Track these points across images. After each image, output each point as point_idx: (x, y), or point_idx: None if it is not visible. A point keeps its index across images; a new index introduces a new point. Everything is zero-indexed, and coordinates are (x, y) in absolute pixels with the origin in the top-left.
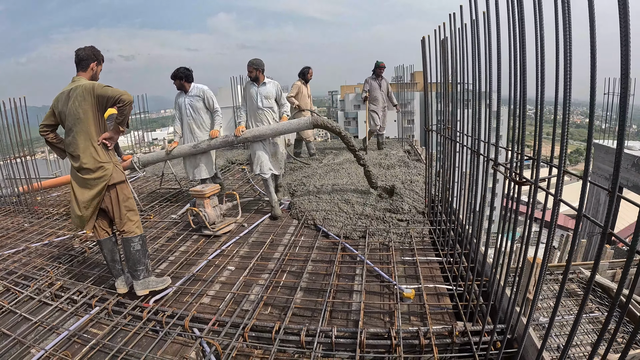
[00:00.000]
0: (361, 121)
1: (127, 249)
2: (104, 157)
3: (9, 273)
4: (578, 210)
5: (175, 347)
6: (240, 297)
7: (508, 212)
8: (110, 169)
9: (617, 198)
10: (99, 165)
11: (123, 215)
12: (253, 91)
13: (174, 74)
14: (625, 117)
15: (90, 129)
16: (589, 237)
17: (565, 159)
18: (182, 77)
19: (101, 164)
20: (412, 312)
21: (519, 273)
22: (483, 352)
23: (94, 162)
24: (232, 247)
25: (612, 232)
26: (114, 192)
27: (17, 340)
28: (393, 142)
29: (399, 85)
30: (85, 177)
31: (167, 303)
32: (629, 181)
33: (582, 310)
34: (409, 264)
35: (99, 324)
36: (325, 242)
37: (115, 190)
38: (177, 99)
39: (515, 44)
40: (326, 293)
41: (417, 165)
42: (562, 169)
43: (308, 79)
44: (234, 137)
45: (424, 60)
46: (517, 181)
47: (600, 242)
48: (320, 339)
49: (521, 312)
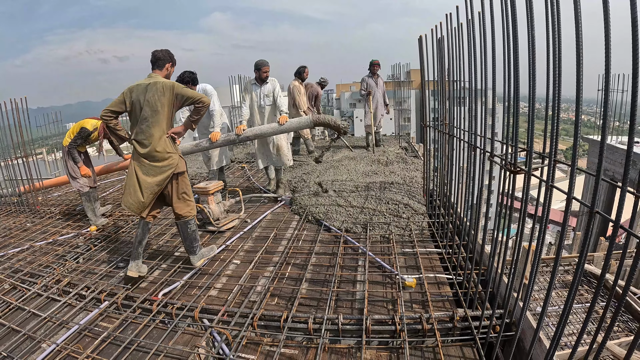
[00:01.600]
0: (357, 119)
1: (184, 230)
2: (172, 148)
3: (15, 271)
4: (567, 193)
5: (186, 337)
6: (247, 289)
7: (504, 199)
8: (177, 158)
9: (614, 188)
10: (168, 155)
11: (182, 200)
12: (256, 91)
13: (180, 79)
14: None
15: (164, 122)
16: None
17: (555, 150)
18: (188, 81)
19: (170, 154)
20: (414, 300)
21: (515, 260)
22: (483, 335)
23: (164, 151)
24: (237, 242)
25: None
26: (176, 180)
27: (27, 335)
28: (390, 139)
29: (395, 83)
30: (154, 164)
31: (175, 296)
32: (622, 175)
33: (573, 291)
34: (410, 256)
35: (108, 318)
36: (327, 236)
37: (178, 178)
38: None
39: (508, 44)
40: (330, 283)
41: (414, 161)
42: (552, 158)
43: (304, 78)
44: (235, 136)
45: (421, 58)
46: (512, 170)
47: (588, 221)
48: (327, 326)
49: (518, 297)
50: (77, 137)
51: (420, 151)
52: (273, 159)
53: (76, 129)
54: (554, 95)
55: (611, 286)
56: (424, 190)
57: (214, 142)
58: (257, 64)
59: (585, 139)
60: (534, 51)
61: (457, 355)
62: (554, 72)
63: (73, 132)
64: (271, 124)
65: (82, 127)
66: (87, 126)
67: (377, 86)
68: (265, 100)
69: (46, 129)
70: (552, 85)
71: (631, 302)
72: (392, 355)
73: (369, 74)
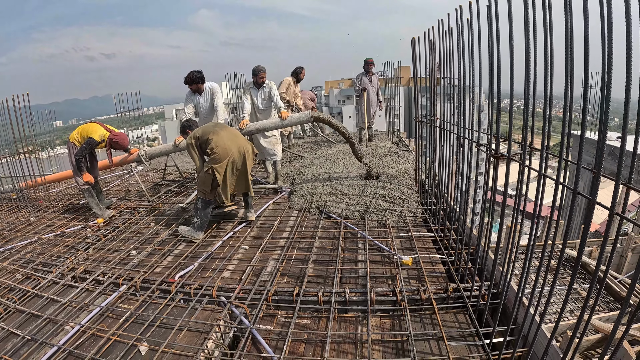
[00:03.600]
0: (346, 116)
1: (249, 200)
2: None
3: (27, 262)
4: (538, 171)
5: (206, 313)
6: (258, 270)
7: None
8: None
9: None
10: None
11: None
12: (254, 94)
13: (191, 80)
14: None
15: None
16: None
17: (532, 138)
18: (198, 81)
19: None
20: (411, 276)
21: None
22: (474, 303)
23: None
24: (243, 229)
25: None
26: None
27: (49, 319)
28: (381, 134)
29: (385, 80)
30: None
31: (190, 278)
32: (606, 169)
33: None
34: (405, 239)
35: (128, 300)
36: (328, 223)
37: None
38: (191, 97)
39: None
40: (335, 263)
41: (406, 155)
42: (525, 145)
43: (300, 79)
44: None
45: (413, 59)
46: (495, 155)
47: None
48: (335, 298)
49: (503, 270)
50: (84, 148)
51: (411, 146)
52: (269, 151)
53: (84, 133)
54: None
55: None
56: (416, 180)
57: None
58: (254, 70)
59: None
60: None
61: (452, 320)
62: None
63: (79, 134)
64: (273, 118)
65: (90, 138)
66: (94, 137)
67: (371, 83)
68: (264, 103)
69: (39, 127)
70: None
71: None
72: (395, 322)
73: (363, 72)
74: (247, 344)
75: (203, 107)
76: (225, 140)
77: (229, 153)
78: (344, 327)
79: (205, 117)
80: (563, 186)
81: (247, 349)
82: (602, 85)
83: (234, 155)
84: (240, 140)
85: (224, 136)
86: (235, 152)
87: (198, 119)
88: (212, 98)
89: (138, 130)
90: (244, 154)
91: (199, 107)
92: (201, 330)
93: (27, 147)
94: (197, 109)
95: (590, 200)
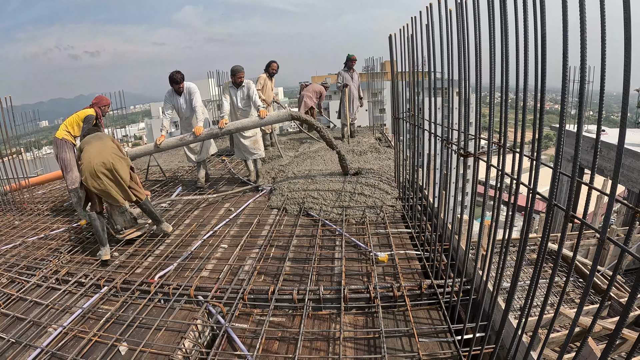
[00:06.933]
0: (332, 111)
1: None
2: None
3: (11, 266)
4: (496, 167)
5: (184, 313)
6: (235, 268)
7: (459, 181)
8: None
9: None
10: None
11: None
12: (234, 93)
13: (174, 80)
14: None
15: None
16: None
17: (496, 136)
18: (179, 81)
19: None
20: (386, 273)
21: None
22: (447, 299)
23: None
24: (223, 228)
25: (539, 193)
26: None
27: (32, 322)
28: (365, 130)
29: (370, 75)
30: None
31: (170, 278)
32: (589, 162)
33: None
34: (382, 235)
35: (109, 301)
36: (307, 220)
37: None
38: (170, 97)
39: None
40: (311, 261)
41: (387, 151)
42: (490, 141)
43: (271, 73)
44: (218, 130)
45: (391, 56)
46: (462, 154)
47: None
48: (310, 296)
49: (476, 266)
50: (85, 126)
51: (393, 141)
52: (250, 150)
53: (77, 120)
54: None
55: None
56: (395, 176)
57: (197, 136)
58: (232, 70)
59: (553, 128)
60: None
61: (425, 317)
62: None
63: (72, 124)
64: (252, 117)
65: (86, 117)
66: (89, 114)
67: (353, 80)
68: (243, 102)
69: (23, 128)
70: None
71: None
72: (368, 319)
73: (345, 68)
74: (223, 342)
75: (183, 107)
76: (90, 154)
77: (91, 166)
78: (318, 325)
79: (186, 118)
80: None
81: (223, 347)
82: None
83: (96, 168)
84: (107, 155)
85: (90, 150)
86: (97, 166)
87: (179, 119)
88: (190, 98)
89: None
90: (109, 169)
91: (179, 107)
92: (179, 330)
93: (11, 150)
94: (177, 110)
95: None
